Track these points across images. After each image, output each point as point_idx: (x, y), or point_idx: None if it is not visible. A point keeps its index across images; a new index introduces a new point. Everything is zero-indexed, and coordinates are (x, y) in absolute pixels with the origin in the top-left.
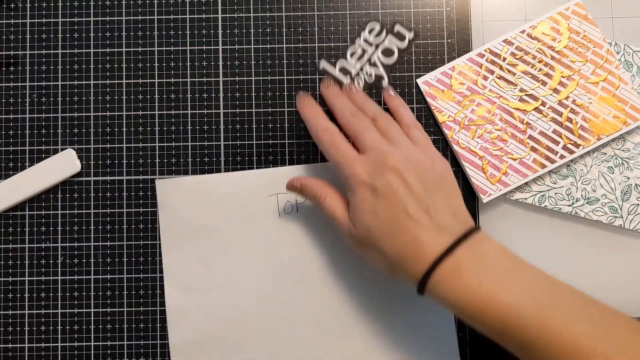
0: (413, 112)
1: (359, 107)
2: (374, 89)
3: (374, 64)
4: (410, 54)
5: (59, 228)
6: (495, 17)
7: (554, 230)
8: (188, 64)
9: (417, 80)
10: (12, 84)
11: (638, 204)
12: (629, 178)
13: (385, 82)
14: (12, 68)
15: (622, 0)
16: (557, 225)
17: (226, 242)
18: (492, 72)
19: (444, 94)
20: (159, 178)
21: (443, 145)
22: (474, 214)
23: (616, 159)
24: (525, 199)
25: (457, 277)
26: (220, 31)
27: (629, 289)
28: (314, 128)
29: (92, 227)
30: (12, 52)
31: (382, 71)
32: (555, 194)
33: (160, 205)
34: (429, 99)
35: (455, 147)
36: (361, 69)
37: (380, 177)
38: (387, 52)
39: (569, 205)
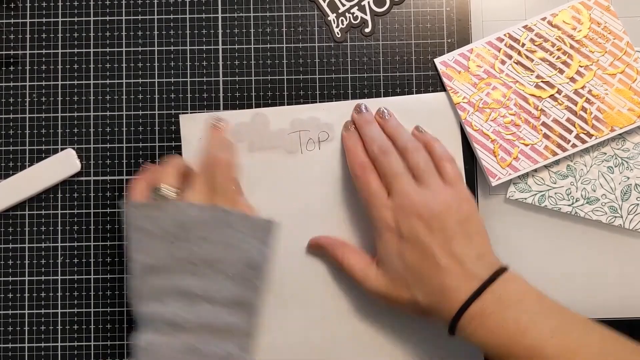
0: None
1: (389, 135)
2: (355, 34)
3: (362, 8)
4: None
5: (59, 228)
6: (495, 16)
7: (554, 230)
8: (188, 64)
9: (435, 60)
10: (12, 84)
11: (638, 204)
12: (628, 178)
13: (368, 28)
14: (12, 68)
15: (622, 0)
16: (557, 225)
17: (248, 177)
18: (510, 57)
19: (460, 75)
20: (182, 113)
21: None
22: None
23: (616, 158)
24: (525, 198)
25: (482, 321)
26: (220, 31)
27: (629, 289)
28: (352, 161)
29: (92, 227)
30: (12, 52)
31: (368, 17)
32: (555, 193)
33: (183, 140)
34: (445, 79)
35: (468, 129)
36: (349, 9)
37: (406, 223)
38: (380, 1)
39: (569, 205)
